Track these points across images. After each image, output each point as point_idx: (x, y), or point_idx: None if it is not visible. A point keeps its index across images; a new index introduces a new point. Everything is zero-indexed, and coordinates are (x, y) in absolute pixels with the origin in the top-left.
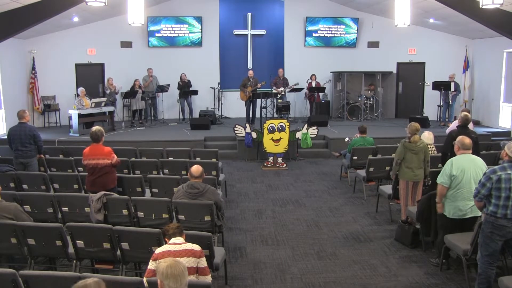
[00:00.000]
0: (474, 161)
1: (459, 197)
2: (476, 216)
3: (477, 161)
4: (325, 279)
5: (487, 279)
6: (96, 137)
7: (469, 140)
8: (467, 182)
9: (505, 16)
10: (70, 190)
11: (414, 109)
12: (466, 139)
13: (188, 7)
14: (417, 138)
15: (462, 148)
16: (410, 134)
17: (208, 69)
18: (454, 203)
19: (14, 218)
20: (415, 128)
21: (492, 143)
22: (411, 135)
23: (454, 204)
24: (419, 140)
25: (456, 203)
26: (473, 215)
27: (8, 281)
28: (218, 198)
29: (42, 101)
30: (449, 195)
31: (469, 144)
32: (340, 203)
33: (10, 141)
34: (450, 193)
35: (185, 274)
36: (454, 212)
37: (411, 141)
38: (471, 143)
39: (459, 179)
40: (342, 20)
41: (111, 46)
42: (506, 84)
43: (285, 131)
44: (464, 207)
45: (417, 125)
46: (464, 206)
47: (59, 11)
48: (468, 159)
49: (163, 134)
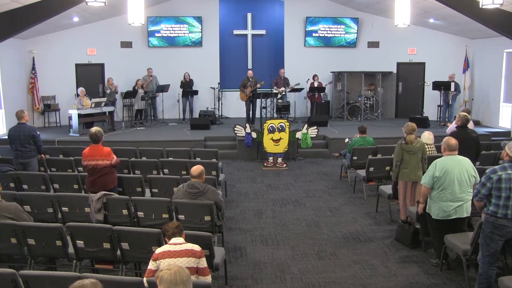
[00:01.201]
0: (460, 162)
1: (443, 198)
2: (461, 217)
3: (463, 162)
4: (325, 279)
5: (488, 279)
6: (96, 138)
7: (455, 141)
8: (450, 183)
9: (505, 16)
10: (70, 190)
11: (414, 109)
12: (452, 140)
13: (188, 7)
14: (412, 138)
15: (448, 149)
16: (406, 134)
17: (208, 69)
18: (438, 204)
19: (14, 217)
20: (411, 127)
21: (492, 143)
22: (407, 134)
23: (438, 205)
24: (414, 140)
25: (440, 204)
26: (457, 216)
27: (8, 281)
28: (218, 198)
29: (42, 101)
30: (433, 196)
31: (454, 145)
32: (340, 203)
33: (10, 141)
34: (434, 194)
35: (190, 279)
36: (438, 213)
37: (407, 142)
38: (457, 144)
39: (442, 180)
40: (342, 20)
41: (111, 46)
42: (506, 84)
43: (285, 131)
44: (448, 208)
45: (413, 124)
46: (447, 207)
47: (59, 11)
48: (453, 160)
49: (163, 134)
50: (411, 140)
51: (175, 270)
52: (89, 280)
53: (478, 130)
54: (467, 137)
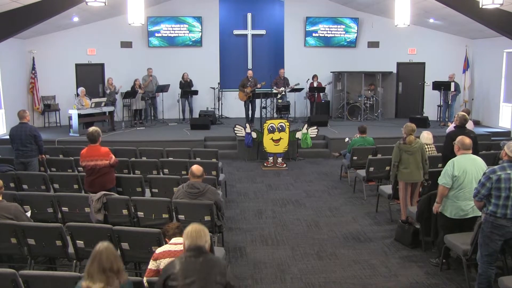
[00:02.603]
0: (475, 161)
1: (461, 197)
2: (476, 216)
3: (478, 161)
4: (325, 279)
5: (487, 279)
6: (93, 137)
7: (469, 140)
8: (468, 182)
9: (505, 16)
10: (70, 190)
11: (414, 109)
12: (466, 139)
13: (188, 7)
14: (412, 139)
15: (462, 148)
16: (406, 134)
17: (208, 69)
18: (456, 203)
19: (14, 218)
20: (411, 128)
21: (492, 143)
22: (407, 135)
23: (456, 205)
24: (414, 140)
25: (458, 203)
26: (474, 215)
27: (8, 281)
28: (218, 198)
29: (42, 101)
30: (450, 196)
31: (469, 144)
32: (340, 203)
33: (12, 141)
34: (451, 193)
35: (207, 232)
36: (456, 212)
37: (406, 142)
38: (471, 143)
39: (461, 180)
40: (342, 20)
41: (111, 46)
42: (506, 84)
43: (285, 131)
44: (466, 207)
45: (413, 125)
46: (465, 206)
47: (59, 11)
48: (469, 159)
49: (163, 134)
50: (411, 141)
51: (193, 227)
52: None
53: (478, 130)
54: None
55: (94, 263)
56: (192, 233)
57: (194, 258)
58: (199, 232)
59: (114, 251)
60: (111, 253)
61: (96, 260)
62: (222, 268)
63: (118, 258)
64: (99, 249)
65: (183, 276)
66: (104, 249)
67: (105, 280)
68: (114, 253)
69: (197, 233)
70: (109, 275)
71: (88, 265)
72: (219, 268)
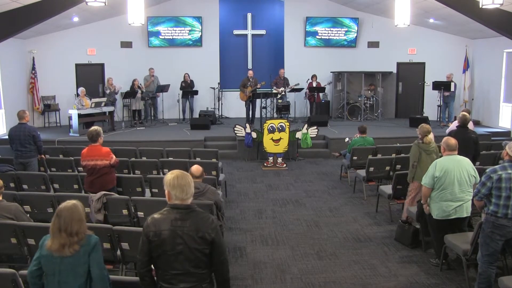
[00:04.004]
0: (460, 162)
1: (442, 198)
2: (461, 217)
3: (463, 162)
4: (325, 279)
5: (488, 279)
6: (93, 137)
7: (454, 141)
8: (450, 183)
9: (505, 16)
10: (70, 190)
11: (414, 109)
12: (452, 140)
13: (188, 7)
14: (429, 139)
15: (447, 149)
16: (421, 135)
17: (208, 69)
18: (438, 204)
19: (14, 218)
20: (426, 129)
21: (492, 143)
22: (422, 136)
23: (438, 205)
24: (431, 140)
25: (440, 204)
26: (457, 216)
27: (8, 281)
28: (218, 198)
29: (42, 101)
30: (433, 196)
31: (454, 145)
32: (340, 203)
33: (11, 141)
34: (434, 194)
35: (191, 185)
36: (438, 213)
37: (425, 142)
38: (456, 144)
39: (442, 181)
40: (342, 20)
41: (111, 46)
42: (506, 84)
43: (285, 131)
44: (448, 208)
45: (428, 126)
46: (447, 207)
47: (59, 11)
48: (453, 160)
49: (163, 134)
50: (429, 140)
51: (176, 175)
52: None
53: (478, 130)
54: (466, 137)
55: (55, 222)
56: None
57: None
58: (183, 187)
59: (75, 212)
60: (69, 215)
61: (56, 218)
62: (211, 224)
63: (77, 221)
64: (60, 208)
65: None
66: (65, 210)
67: (64, 239)
68: (73, 215)
69: (181, 188)
70: (67, 235)
71: (51, 223)
72: (208, 225)
